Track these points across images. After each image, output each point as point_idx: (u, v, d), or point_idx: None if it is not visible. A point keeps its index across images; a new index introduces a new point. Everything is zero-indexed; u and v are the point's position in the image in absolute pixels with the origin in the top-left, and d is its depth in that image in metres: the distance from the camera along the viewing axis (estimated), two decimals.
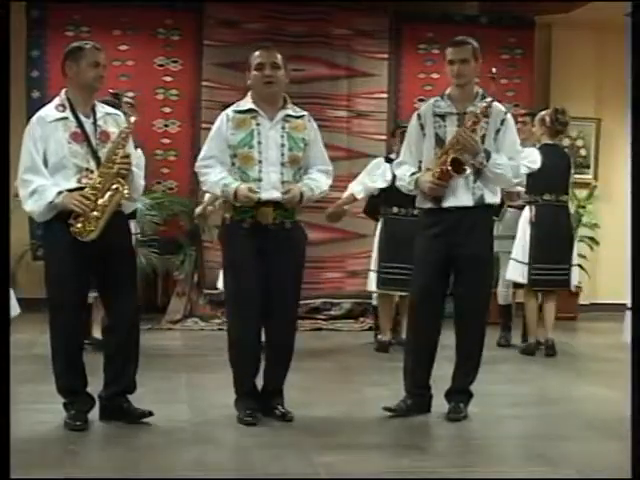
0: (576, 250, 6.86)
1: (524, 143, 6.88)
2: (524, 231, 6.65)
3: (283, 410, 4.41)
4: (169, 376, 5.51)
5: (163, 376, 5.42)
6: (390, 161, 6.64)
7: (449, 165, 4.39)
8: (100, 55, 4.23)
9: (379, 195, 6.69)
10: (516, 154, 4.57)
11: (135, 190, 4.31)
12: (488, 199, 4.51)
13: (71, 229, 4.07)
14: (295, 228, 4.41)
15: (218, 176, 4.34)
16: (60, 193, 4.06)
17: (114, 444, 4.02)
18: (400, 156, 4.74)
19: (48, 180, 4.10)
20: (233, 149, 4.35)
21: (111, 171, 4.11)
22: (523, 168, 6.48)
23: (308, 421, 4.38)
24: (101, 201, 4.08)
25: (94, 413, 4.27)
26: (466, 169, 4.41)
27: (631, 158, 4.44)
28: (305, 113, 4.51)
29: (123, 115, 4.36)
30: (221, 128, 4.39)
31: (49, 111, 4.19)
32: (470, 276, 4.50)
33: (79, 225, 4.07)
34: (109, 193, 4.10)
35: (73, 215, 4.07)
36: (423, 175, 4.51)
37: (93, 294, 4.85)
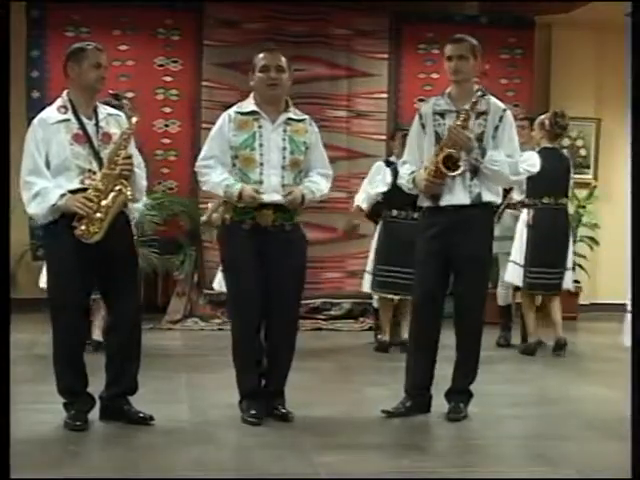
0: (572, 252, 6.85)
1: (523, 147, 6.89)
2: (522, 233, 6.67)
3: (284, 410, 4.41)
4: (169, 376, 5.51)
5: (163, 376, 5.42)
6: (390, 164, 6.64)
7: (441, 162, 4.40)
8: (102, 56, 4.22)
9: (382, 198, 6.66)
10: (515, 151, 4.54)
11: (138, 191, 4.30)
12: (485, 197, 4.49)
13: (75, 231, 4.06)
14: (295, 230, 4.41)
15: (220, 177, 4.33)
16: (63, 195, 4.06)
17: (114, 444, 4.02)
18: (404, 155, 4.76)
19: (51, 182, 4.09)
20: (234, 150, 4.35)
21: (114, 172, 4.11)
22: (522, 169, 6.50)
23: (308, 421, 4.38)
24: (104, 202, 4.08)
25: (94, 413, 4.27)
26: (459, 166, 4.39)
27: (631, 158, 4.44)
28: (306, 117, 4.51)
29: (125, 116, 4.36)
30: (223, 128, 4.38)
31: (51, 113, 4.19)
32: (468, 277, 4.49)
33: (83, 227, 4.06)
34: (112, 194, 4.10)
35: (76, 217, 4.06)
36: (420, 173, 4.52)
37: (93, 296, 4.84)
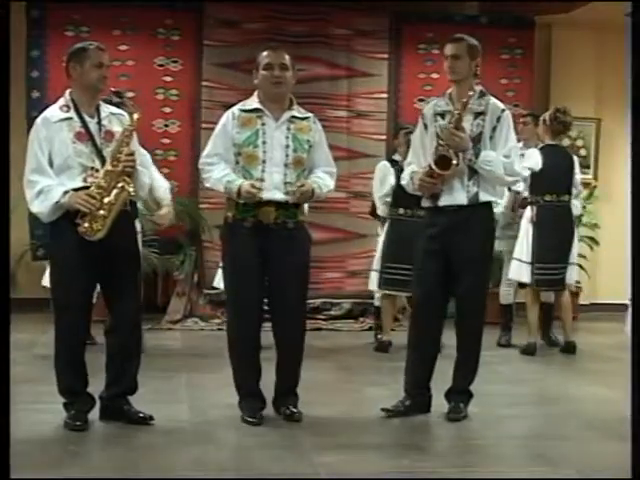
0: (577, 249, 6.86)
1: (527, 144, 6.92)
2: (526, 231, 6.68)
3: (294, 410, 4.39)
4: (169, 376, 5.51)
5: (163, 376, 5.42)
6: (393, 162, 6.64)
7: (434, 162, 4.40)
8: (104, 56, 4.23)
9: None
10: (511, 151, 4.51)
11: (140, 188, 4.30)
12: (483, 197, 4.49)
13: (78, 229, 4.06)
14: (298, 228, 4.39)
15: (221, 173, 4.34)
16: (66, 193, 4.06)
17: (114, 444, 4.02)
18: (408, 157, 4.76)
19: (54, 180, 4.10)
20: (238, 148, 4.35)
21: (116, 169, 4.11)
22: (524, 169, 6.51)
23: (308, 421, 4.38)
24: (107, 199, 4.08)
25: (94, 413, 4.27)
26: (452, 165, 4.38)
27: (631, 158, 4.43)
28: (310, 115, 4.50)
29: (127, 114, 4.36)
30: (226, 126, 4.39)
31: (53, 112, 4.20)
32: (468, 277, 4.49)
33: (86, 224, 4.06)
34: (115, 191, 4.09)
35: (79, 215, 4.06)
36: (417, 173, 4.52)
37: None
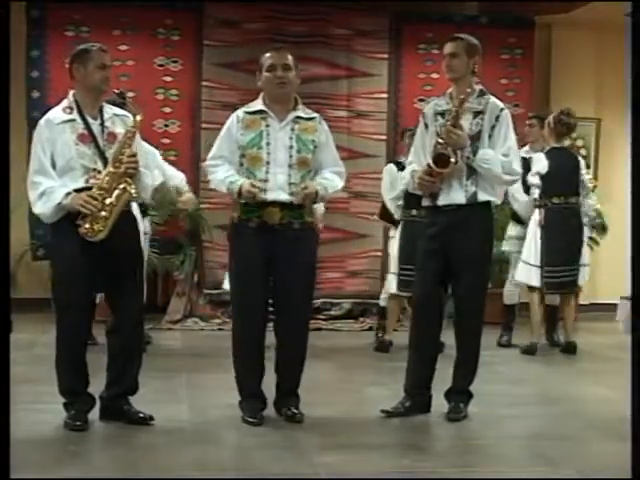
0: (587, 250, 6.86)
1: (533, 147, 6.96)
2: (534, 234, 6.70)
3: (295, 411, 4.38)
4: (169, 376, 5.50)
5: (163, 376, 5.41)
6: (398, 164, 6.63)
7: (432, 160, 4.40)
8: (106, 57, 4.23)
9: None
10: (510, 150, 4.50)
11: (143, 189, 4.30)
12: (481, 197, 4.48)
13: (79, 230, 4.06)
14: (305, 229, 4.38)
15: (224, 174, 4.35)
16: (68, 194, 4.07)
17: (114, 444, 4.02)
18: (409, 156, 4.76)
19: (56, 182, 4.11)
20: (242, 149, 4.35)
21: (118, 171, 4.11)
22: (534, 176, 6.55)
23: (308, 421, 4.37)
24: (109, 201, 4.08)
25: (94, 413, 4.26)
26: (450, 163, 4.37)
27: (631, 158, 4.45)
28: (316, 115, 4.49)
29: (131, 115, 4.36)
30: (231, 128, 4.40)
31: (56, 113, 4.20)
32: (468, 277, 4.49)
33: (87, 225, 4.06)
34: (116, 192, 4.10)
35: (81, 216, 4.06)
36: (417, 172, 4.52)
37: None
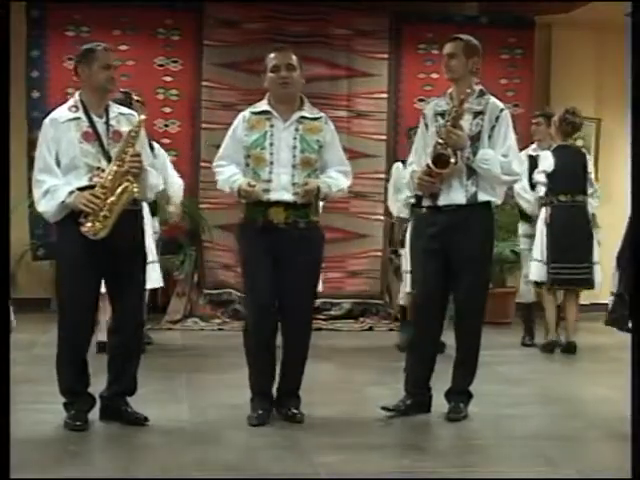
0: (597, 248, 6.85)
1: (540, 145, 6.99)
2: (542, 231, 6.74)
3: (295, 411, 4.39)
4: (169, 376, 5.51)
5: (163, 376, 5.42)
6: (405, 162, 6.63)
7: (431, 161, 4.40)
8: (110, 57, 4.25)
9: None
10: (509, 151, 4.50)
11: (149, 189, 4.31)
12: (482, 197, 4.48)
13: (81, 228, 4.06)
14: (310, 228, 4.38)
15: (228, 174, 4.37)
16: (72, 193, 4.08)
17: (114, 444, 4.02)
18: (409, 156, 4.76)
19: (60, 180, 4.12)
20: (247, 150, 4.37)
21: (121, 169, 4.11)
22: (539, 174, 6.57)
23: (308, 421, 4.37)
24: (110, 199, 4.08)
25: (94, 413, 4.27)
26: (450, 164, 4.37)
27: (631, 158, 4.44)
28: (322, 115, 4.49)
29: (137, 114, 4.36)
30: (237, 129, 4.43)
31: (62, 112, 4.22)
32: (468, 277, 4.48)
33: (89, 224, 4.07)
34: (118, 191, 4.10)
35: (83, 214, 4.07)
36: (416, 173, 4.52)
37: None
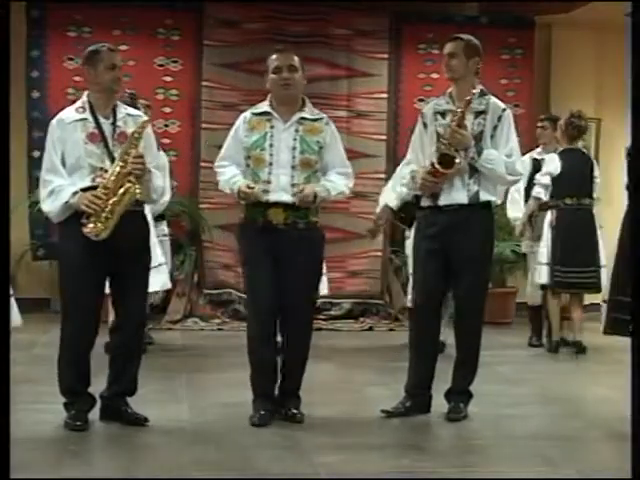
0: (603, 251, 6.85)
1: (546, 148, 7.00)
2: (547, 234, 6.74)
3: (295, 411, 4.39)
4: (169, 376, 5.51)
5: (163, 376, 5.42)
6: None
7: (437, 161, 4.40)
8: (116, 57, 4.25)
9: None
10: (512, 151, 4.51)
11: (153, 190, 4.30)
12: (484, 197, 4.48)
13: (82, 229, 4.07)
14: (310, 229, 4.38)
15: (229, 175, 4.39)
16: (75, 193, 4.08)
17: (114, 444, 4.02)
18: (407, 156, 4.75)
19: (66, 180, 4.13)
20: (247, 151, 4.38)
21: (123, 170, 4.11)
22: (544, 176, 6.57)
23: (308, 421, 4.37)
24: (112, 200, 4.08)
25: (94, 413, 4.26)
26: (454, 164, 4.38)
27: (632, 158, 4.44)
28: (324, 116, 4.49)
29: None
30: (238, 130, 4.44)
31: (69, 113, 4.23)
32: (468, 277, 4.48)
33: (90, 225, 4.07)
34: (120, 192, 4.10)
35: (85, 215, 4.07)
36: (418, 172, 4.52)
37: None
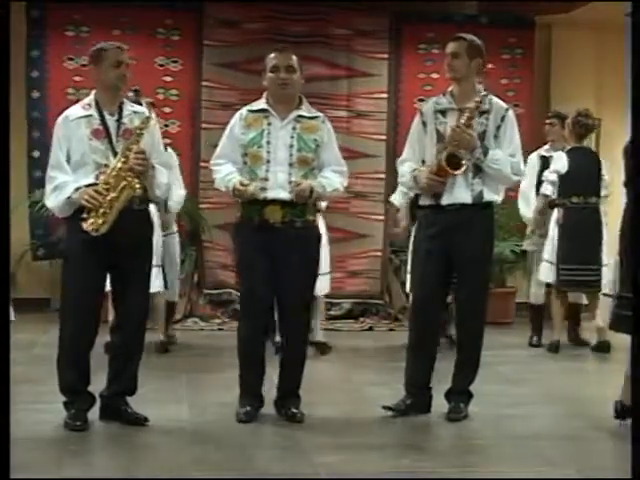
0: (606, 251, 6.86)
1: (554, 146, 7.01)
2: (553, 232, 6.75)
3: (294, 410, 4.39)
4: (169, 376, 5.51)
5: (163, 376, 5.42)
6: None
7: (444, 161, 4.39)
8: (122, 55, 4.27)
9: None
10: (516, 151, 4.52)
11: (157, 187, 4.30)
12: (487, 196, 4.49)
13: (83, 224, 4.07)
14: (306, 227, 4.39)
15: (224, 173, 4.39)
16: (78, 189, 4.10)
17: (114, 444, 4.02)
18: (403, 154, 4.75)
19: (70, 177, 4.15)
20: (244, 148, 4.38)
21: (125, 166, 4.11)
22: (551, 173, 6.60)
23: (308, 421, 4.38)
24: (111, 195, 4.09)
25: (94, 413, 4.27)
26: (462, 164, 4.39)
27: (630, 157, 4.44)
28: (320, 114, 4.51)
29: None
30: (234, 127, 4.44)
31: (75, 110, 4.25)
32: (469, 277, 4.50)
33: (90, 220, 4.08)
34: (119, 187, 4.10)
35: (85, 210, 4.08)
36: (421, 171, 4.51)
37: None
